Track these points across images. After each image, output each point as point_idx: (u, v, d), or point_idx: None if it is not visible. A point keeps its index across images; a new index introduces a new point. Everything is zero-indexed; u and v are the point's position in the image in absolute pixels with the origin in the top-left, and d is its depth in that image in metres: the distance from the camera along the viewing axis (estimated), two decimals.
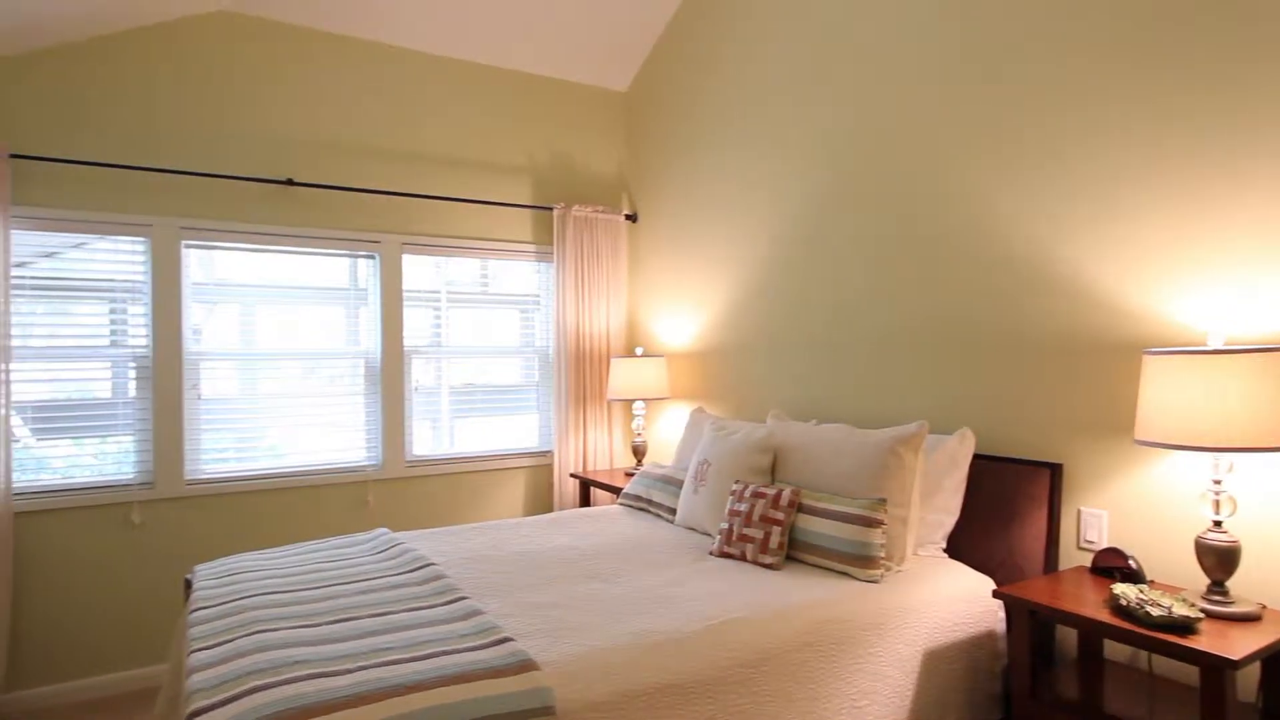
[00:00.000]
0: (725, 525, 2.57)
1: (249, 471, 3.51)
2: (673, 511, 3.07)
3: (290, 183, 3.49)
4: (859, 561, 2.24)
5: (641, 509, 3.27)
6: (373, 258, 3.79)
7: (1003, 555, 2.40)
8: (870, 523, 2.25)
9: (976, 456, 2.52)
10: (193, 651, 1.78)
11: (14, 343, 3.04)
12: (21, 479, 3.08)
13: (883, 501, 2.29)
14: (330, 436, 3.73)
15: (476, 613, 1.96)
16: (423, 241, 3.87)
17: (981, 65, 2.53)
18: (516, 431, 4.25)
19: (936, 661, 2.16)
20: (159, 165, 3.28)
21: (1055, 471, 2.30)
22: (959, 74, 2.60)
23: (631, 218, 4.41)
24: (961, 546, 2.52)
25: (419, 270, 3.93)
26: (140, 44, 3.25)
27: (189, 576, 2.48)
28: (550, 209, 4.20)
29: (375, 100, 3.76)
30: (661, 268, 4.20)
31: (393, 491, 3.81)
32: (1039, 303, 2.38)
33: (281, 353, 3.62)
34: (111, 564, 3.20)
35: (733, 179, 3.66)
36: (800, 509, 2.44)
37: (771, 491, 2.50)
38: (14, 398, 3.04)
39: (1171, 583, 2.06)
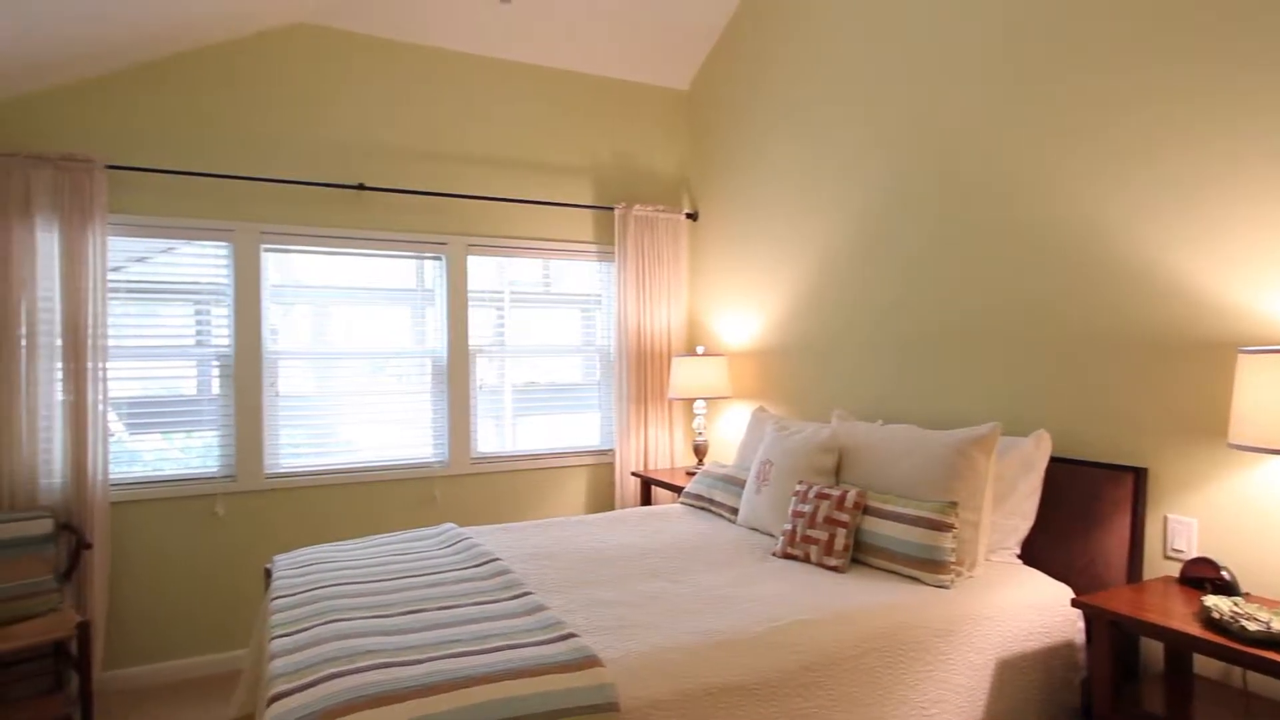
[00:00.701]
0: (788, 526, 2.54)
1: (322, 466, 3.64)
2: (734, 511, 3.05)
3: (361, 187, 3.61)
4: (928, 566, 2.18)
5: (703, 508, 3.25)
6: (439, 259, 3.88)
7: (1082, 563, 2.30)
8: (940, 526, 2.19)
9: (1054, 460, 2.42)
10: (273, 638, 1.86)
11: (110, 342, 3.22)
12: (115, 471, 3.27)
13: (953, 504, 2.23)
14: (398, 433, 3.83)
15: (541, 608, 1.98)
16: (487, 242, 3.95)
17: (1054, 62, 2.42)
18: (578, 430, 4.29)
19: (1011, 671, 2.09)
20: (241, 173, 3.43)
21: (1140, 476, 2.19)
22: (1030, 73, 2.50)
23: (692, 216, 4.39)
24: (1037, 553, 2.43)
25: (483, 270, 4.01)
26: (223, 58, 3.41)
27: (268, 566, 2.59)
28: (611, 209, 4.22)
29: (442, 105, 3.85)
30: (722, 266, 4.17)
31: (458, 487, 3.89)
32: (1121, 297, 2.27)
33: (352, 352, 3.74)
34: (197, 553, 3.36)
35: (793, 176, 3.61)
36: (866, 511, 2.39)
37: (836, 493, 2.46)
38: (109, 394, 3.23)
39: (1269, 596, 1.94)
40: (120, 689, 3.21)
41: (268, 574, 2.58)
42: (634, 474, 4.11)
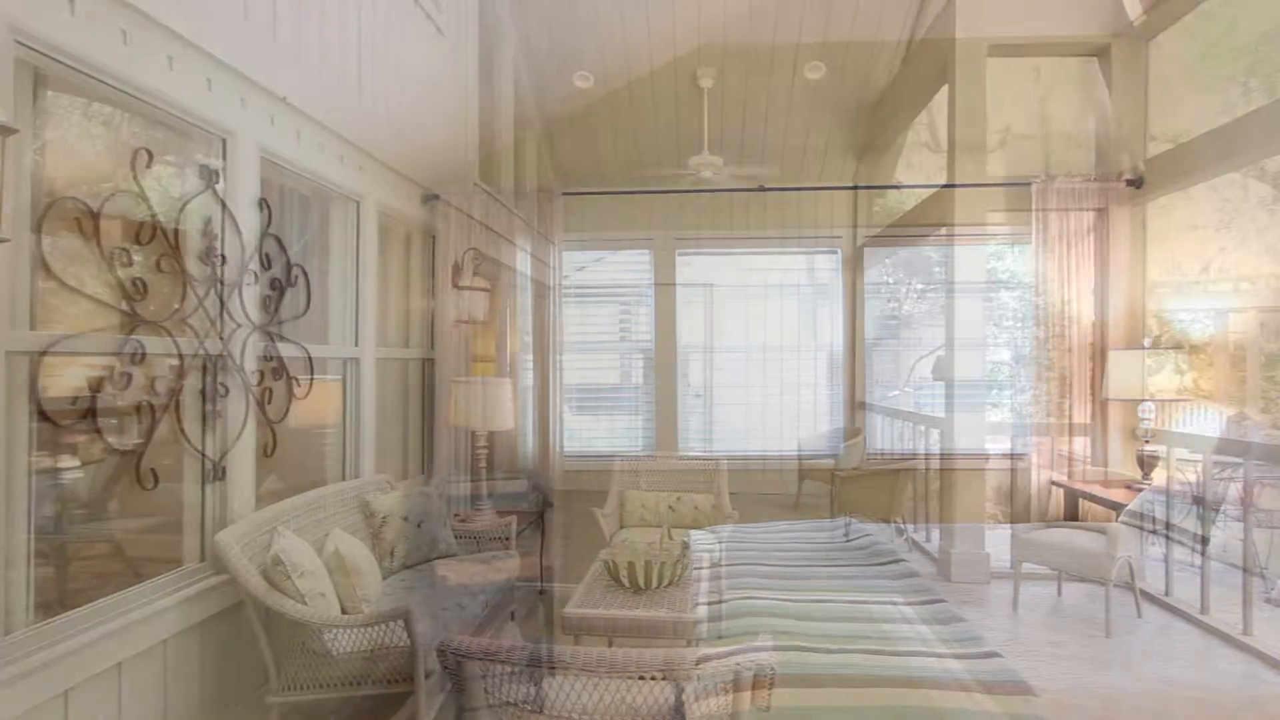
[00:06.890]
0: None
1: (721, 451, 3.92)
2: (1202, 540, 2.48)
3: (762, 189, 3.79)
4: None
5: (1154, 531, 2.71)
6: (834, 253, 3.88)
7: None
8: None
9: None
10: (696, 604, 2.05)
11: (562, 339, 3.90)
12: (566, 445, 3.94)
13: None
14: (791, 424, 3.94)
15: (956, 619, 1.85)
16: (882, 233, 3.83)
17: None
18: (980, 430, 3.91)
19: None
20: (658, 188, 3.86)
21: None
22: None
23: (1134, 183, 3.68)
24: None
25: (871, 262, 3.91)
26: (636, 93, 3.88)
27: (684, 539, 2.86)
28: (1028, 184, 3.74)
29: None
30: (1180, 240, 3.41)
31: (853, 482, 3.84)
32: None
33: (746, 345, 3.97)
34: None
35: None
36: None
37: None
38: (563, 382, 3.91)
39: None
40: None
41: (684, 545, 2.85)
42: (1054, 483, 3.60)
